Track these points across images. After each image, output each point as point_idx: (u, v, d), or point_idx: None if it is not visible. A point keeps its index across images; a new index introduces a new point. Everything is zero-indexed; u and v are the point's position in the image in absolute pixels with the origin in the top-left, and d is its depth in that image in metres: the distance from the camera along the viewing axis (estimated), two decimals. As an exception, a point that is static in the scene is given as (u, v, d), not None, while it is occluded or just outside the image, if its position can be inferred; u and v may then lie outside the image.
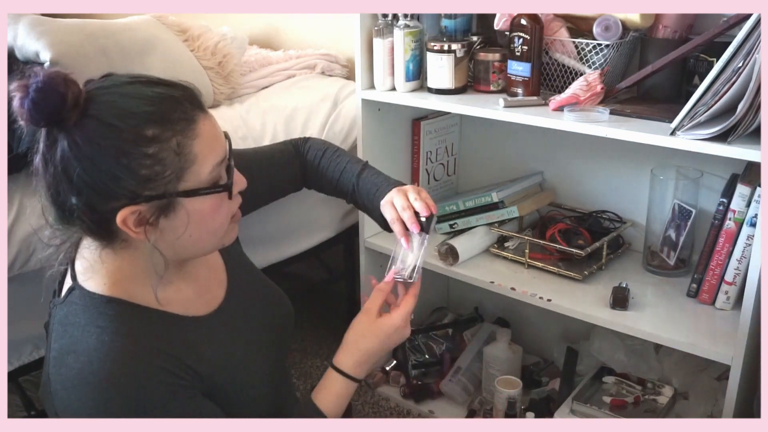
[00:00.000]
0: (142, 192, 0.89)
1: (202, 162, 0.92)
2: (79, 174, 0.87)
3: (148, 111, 0.89)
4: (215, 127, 0.97)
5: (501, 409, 1.70)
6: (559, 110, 1.45)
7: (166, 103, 0.91)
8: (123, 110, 0.88)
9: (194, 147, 0.91)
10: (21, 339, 1.50)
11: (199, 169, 0.92)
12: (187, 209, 0.93)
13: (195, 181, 0.92)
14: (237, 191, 1.00)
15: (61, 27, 1.66)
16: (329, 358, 1.18)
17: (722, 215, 1.39)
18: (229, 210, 1.00)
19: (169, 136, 0.89)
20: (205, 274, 1.11)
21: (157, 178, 0.89)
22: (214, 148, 0.94)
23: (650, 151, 1.50)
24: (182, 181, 0.91)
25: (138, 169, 0.88)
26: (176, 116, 0.90)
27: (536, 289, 1.56)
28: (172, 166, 0.90)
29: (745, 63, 1.16)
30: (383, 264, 1.93)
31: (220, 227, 1.00)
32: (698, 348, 1.34)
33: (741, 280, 1.38)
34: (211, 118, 0.96)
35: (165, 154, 0.89)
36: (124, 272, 0.98)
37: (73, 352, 0.94)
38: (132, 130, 0.88)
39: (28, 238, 1.41)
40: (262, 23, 2.51)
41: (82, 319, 0.96)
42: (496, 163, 1.94)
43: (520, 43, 1.50)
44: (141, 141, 0.88)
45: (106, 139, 0.87)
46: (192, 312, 1.05)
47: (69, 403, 0.94)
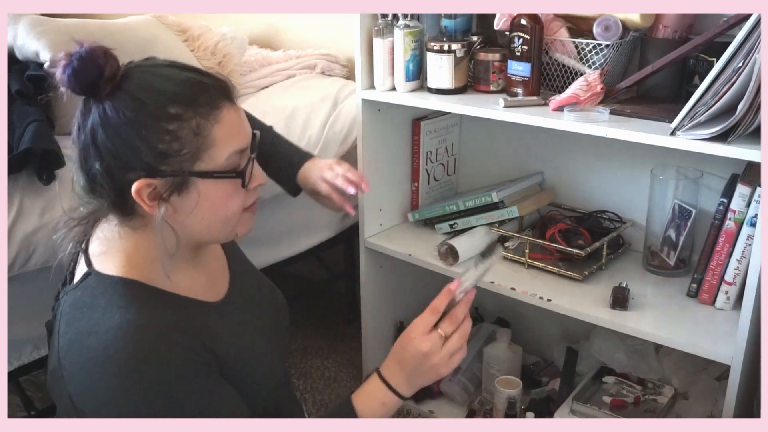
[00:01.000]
0: (159, 166, 0.93)
1: (220, 147, 0.96)
2: (103, 141, 0.93)
3: (175, 91, 0.94)
4: (240, 118, 1.00)
5: (501, 409, 1.70)
6: (559, 110, 1.45)
7: (194, 87, 0.95)
8: (152, 87, 0.94)
9: (214, 131, 0.95)
10: (21, 339, 1.50)
11: (216, 153, 0.96)
12: (200, 190, 0.97)
13: (210, 164, 0.96)
14: (254, 185, 1.03)
15: (61, 27, 1.66)
16: (329, 358, 1.18)
17: (722, 215, 1.39)
18: (243, 201, 1.03)
19: (190, 117, 0.93)
20: (213, 264, 1.15)
21: (174, 154, 0.93)
22: (235, 136, 0.98)
23: (650, 151, 1.50)
24: (198, 162, 0.95)
25: (156, 144, 0.92)
26: (201, 100, 0.95)
27: (536, 289, 1.56)
28: (190, 145, 0.94)
29: (745, 63, 1.16)
30: (383, 264, 1.94)
31: (232, 216, 1.02)
32: (698, 348, 1.34)
33: (741, 280, 1.38)
34: (238, 110, 1.00)
35: (184, 133, 0.93)
36: (141, 254, 1.00)
37: (94, 332, 0.94)
38: (156, 106, 0.92)
39: (28, 238, 1.41)
40: (262, 23, 2.51)
41: (101, 301, 0.97)
42: (496, 163, 1.94)
43: (520, 43, 1.50)
44: (163, 117, 0.92)
45: (131, 111, 0.92)
46: (205, 298, 1.08)
47: (91, 383, 0.94)
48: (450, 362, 1.05)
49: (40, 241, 1.43)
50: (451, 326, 1.05)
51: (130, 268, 1.00)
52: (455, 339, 1.05)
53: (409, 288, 2.01)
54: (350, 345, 2.23)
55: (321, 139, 1.92)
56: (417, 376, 1.06)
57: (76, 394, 0.96)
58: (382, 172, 1.84)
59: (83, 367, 0.94)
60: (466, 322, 1.06)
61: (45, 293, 1.42)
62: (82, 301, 0.99)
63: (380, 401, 1.08)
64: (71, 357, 0.96)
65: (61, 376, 0.98)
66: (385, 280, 1.94)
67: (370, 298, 1.92)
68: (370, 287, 1.92)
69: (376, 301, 1.94)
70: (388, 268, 1.92)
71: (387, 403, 1.08)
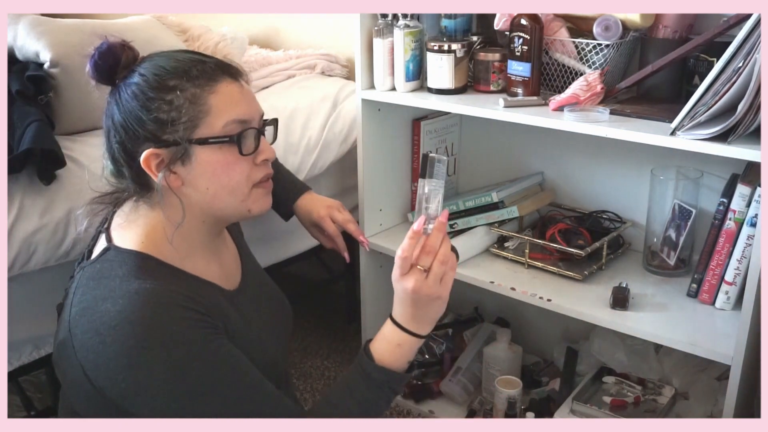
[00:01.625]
0: (162, 136, 1.01)
1: (216, 114, 1.02)
2: (117, 118, 1.03)
3: (174, 66, 1.03)
4: (242, 93, 1.06)
5: (501, 409, 1.70)
6: (559, 110, 1.45)
7: (193, 62, 1.04)
8: (156, 66, 1.03)
9: (210, 100, 1.02)
10: (21, 339, 1.50)
11: (213, 120, 1.02)
12: (200, 159, 1.03)
13: (207, 131, 1.02)
14: (261, 159, 1.09)
15: (61, 27, 1.66)
16: (329, 359, 1.20)
17: (722, 215, 1.39)
18: (248, 172, 1.07)
19: (186, 87, 1.01)
20: (227, 256, 1.20)
21: (173, 123, 1.01)
22: (233, 106, 1.04)
23: (650, 151, 1.50)
24: (197, 129, 1.02)
25: (158, 114, 1.01)
26: (196, 73, 1.02)
27: (536, 289, 1.56)
28: (188, 114, 1.01)
29: (745, 63, 1.16)
30: (383, 264, 1.94)
31: (237, 187, 1.06)
32: (698, 348, 1.34)
33: (741, 280, 1.38)
34: (240, 85, 1.07)
35: (181, 102, 1.00)
36: (158, 232, 1.06)
37: (109, 298, 0.97)
38: (157, 80, 1.02)
39: (29, 238, 1.41)
40: (262, 23, 2.51)
41: (119, 271, 1.01)
42: (496, 163, 1.94)
43: (520, 43, 1.50)
44: (163, 89, 1.01)
45: (136, 86, 1.02)
46: (219, 284, 1.12)
47: (103, 348, 0.95)
48: (443, 287, 1.08)
49: (41, 242, 1.43)
50: (428, 257, 1.06)
51: (149, 244, 1.05)
52: (436, 266, 1.06)
53: (409, 288, 2.00)
54: (350, 345, 2.23)
55: (321, 139, 1.92)
56: (420, 310, 1.09)
57: (89, 360, 0.97)
58: (382, 172, 1.84)
59: (96, 331, 0.96)
60: (442, 247, 1.07)
61: (45, 293, 1.42)
62: (99, 272, 1.02)
63: (396, 343, 1.10)
64: (83, 324, 0.98)
65: (71, 345, 0.99)
66: (385, 280, 1.92)
67: (370, 298, 1.92)
68: (370, 287, 1.92)
69: (376, 301, 1.94)
70: (388, 268, 1.90)
71: (402, 343, 1.10)
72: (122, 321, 0.95)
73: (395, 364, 1.10)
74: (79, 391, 1.03)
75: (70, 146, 1.55)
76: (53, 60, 1.57)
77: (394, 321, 1.11)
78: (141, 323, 0.94)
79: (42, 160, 1.42)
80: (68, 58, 1.57)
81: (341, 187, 2.05)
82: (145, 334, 0.94)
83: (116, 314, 0.95)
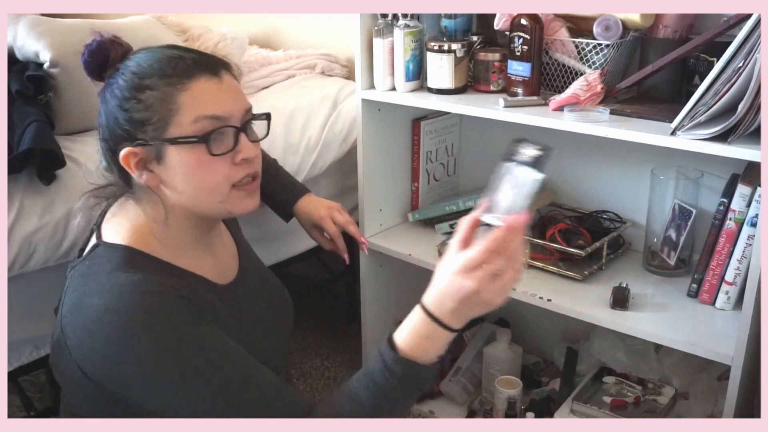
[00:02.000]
0: (137, 135, 1.01)
1: (185, 112, 0.99)
2: (101, 116, 1.04)
3: (151, 65, 1.01)
4: (219, 89, 1.02)
5: (501, 409, 1.70)
6: (559, 110, 1.45)
7: (170, 60, 1.02)
8: (137, 63, 1.02)
9: (180, 97, 0.99)
10: (21, 339, 1.50)
11: (182, 118, 0.99)
12: (173, 158, 1.01)
13: (177, 131, 1.00)
14: (240, 159, 1.04)
15: (60, 27, 1.66)
16: (329, 359, 1.18)
17: (722, 215, 1.39)
18: (227, 173, 1.04)
19: (158, 86, 0.99)
20: (222, 251, 1.18)
21: (147, 122, 1.00)
22: (204, 103, 1.00)
23: (650, 151, 1.50)
24: (169, 128, 1.00)
25: (132, 113, 1.00)
26: (170, 71, 1.00)
27: (536, 289, 1.56)
28: (159, 113, 0.99)
29: (745, 63, 1.16)
30: (383, 264, 1.94)
31: (214, 187, 1.03)
32: (698, 348, 1.34)
33: (741, 281, 1.38)
34: (218, 81, 1.03)
35: (153, 101, 0.99)
36: (146, 228, 1.05)
37: (96, 293, 0.97)
38: (133, 78, 1.01)
39: (29, 239, 1.41)
40: (262, 23, 2.51)
41: (108, 266, 1.00)
42: (496, 163, 1.92)
43: (520, 43, 1.50)
44: (137, 88, 1.00)
45: (116, 85, 1.02)
46: (212, 279, 1.11)
47: (94, 341, 0.95)
48: (500, 294, 0.91)
49: (41, 242, 1.43)
50: (503, 260, 0.90)
51: (137, 239, 1.04)
52: (510, 274, 0.90)
53: (409, 288, 2.00)
54: (350, 345, 2.23)
55: (321, 139, 1.92)
56: (464, 308, 0.93)
57: (83, 357, 0.97)
58: (382, 172, 1.84)
59: (85, 327, 0.96)
60: (520, 253, 0.92)
61: (45, 293, 1.42)
62: (88, 269, 1.01)
63: (425, 335, 0.95)
64: (73, 321, 0.98)
65: (65, 345, 0.99)
66: (385, 280, 1.94)
67: (370, 298, 1.92)
68: (370, 287, 1.91)
69: (376, 301, 1.93)
70: (388, 268, 1.92)
71: (433, 336, 0.95)
72: (108, 312, 0.94)
73: (422, 357, 0.96)
74: (77, 391, 1.03)
75: (69, 146, 1.55)
76: (53, 60, 1.57)
77: (427, 311, 0.95)
78: (126, 312, 0.93)
79: (42, 160, 1.42)
80: (68, 58, 1.57)
81: (341, 187, 2.05)
82: (130, 322, 0.93)
83: (102, 306, 0.95)
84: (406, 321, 0.98)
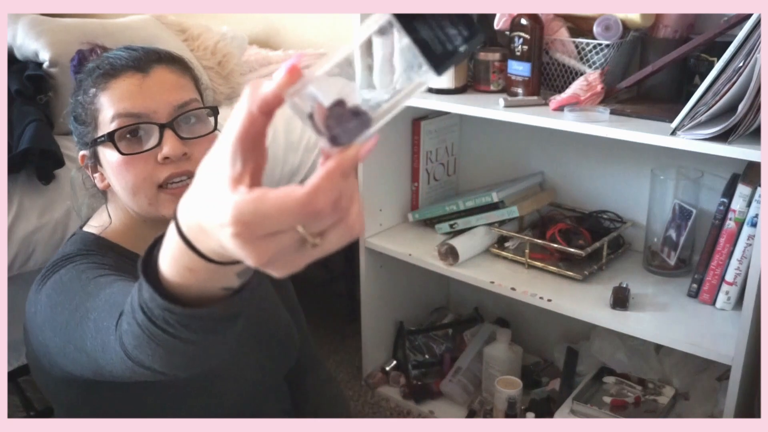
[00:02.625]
0: (82, 137, 1.01)
1: (105, 112, 0.98)
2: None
3: (91, 66, 1.01)
4: (140, 85, 0.97)
5: (501, 410, 1.69)
6: (560, 110, 1.44)
7: (103, 62, 1.00)
8: (86, 67, 1.02)
9: (102, 97, 0.98)
10: (19, 339, 1.49)
11: (103, 118, 0.98)
12: (103, 159, 1.00)
13: (100, 131, 0.98)
14: (162, 157, 0.96)
15: (60, 27, 1.66)
16: (329, 358, 1.15)
17: (723, 215, 1.39)
18: (148, 173, 0.96)
19: (88, 87, 0.99)
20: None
21: (85, 124, 1.00)
22: (121, 101, 0.96)
23: (651, 151, 1.50)
24: (96, 130, 0.99)
25: (76, 115, 1.01)
26: (99, 72, 0.99)
27: (536, 289, 1.56)
28: (90, 115, 0.99)
29: (746, 63, 1.16)
30: (383, 264, 1.94)
31: (137, 188, 0.97)
32: (699, 348, 1.34)
33: (742, 281, 1.38)
34: (142, 77, 0.97)
35: (86, 102, 0.99)
36: (116, 222, 1.03)
37: (45, 268, 0.96)
38: (77, 80, 1.02)
39: (28, 238, 1.41)
40: (261, 23, 2.51)
41: (68, 248, 0.99)
42: (496, 163, 1.94)
43: (520, 42, 1.50)
44: (77, 90, 1.01)
45: (72, 88, 1.03)
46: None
47: (29, 310, 0.95)
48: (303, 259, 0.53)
49: (40, 241, 1.43)
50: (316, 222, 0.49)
51: (110, 231, 1.02)
52: (333, 235, 0.51)
53: (409, 288, 2.00)
54: (350, 345, 2.22)
55: (321, 138, 1.92)
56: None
57: (35, 342, 0.95)
58: (382, 172, 1.83)
59: (28, 300, 0.96)
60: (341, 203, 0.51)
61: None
62: (55, 256, 1.00)
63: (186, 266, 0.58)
64: (28, 313, 0.97)
65: (29, 342, 0.98)
66: (385, 280, 1.94)
67: (370, 298, 1.92)
68: (370, 287, 1.91)
69: (376, 301, 1.93)
70: (388, 268, 1.92)
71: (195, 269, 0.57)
72: (36, 284, 0.94)
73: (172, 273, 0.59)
74: (61, 401, 1.02)
75: (69, 146, 1.54)
76: (52, 59, 1.57)
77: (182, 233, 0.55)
78: (50, 278, 0.92)
79: (41, 160, 1.42)
80: (67, 58, 1.55)
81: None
82: (51, 285, 0.91)
83: (36, 285, 0.94)
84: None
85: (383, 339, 1.99)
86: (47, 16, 1.71)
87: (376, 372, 1.96)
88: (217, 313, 0.61)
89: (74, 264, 0.92)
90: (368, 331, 1.95)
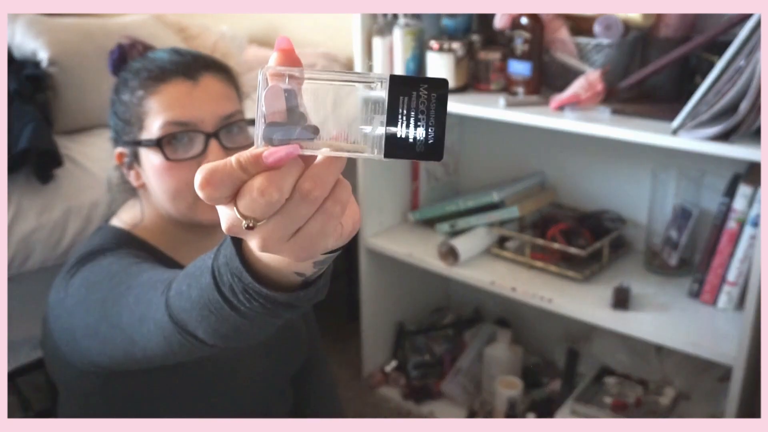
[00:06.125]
0: (122, 135, 1.03)
1: (153, 116, 0.99)
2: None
3: (138, 67, 1.02)
4: (190, 93, 1.00)
5: (501, 410, 1.69)
6: (560, 110, 1.44)
7: (153, 62, 1.02)
8: (132, 65, 1.04)
9: (151, 101, 0.99)
10: (18, 340, 1.49)
11: (150, 122, 1.00)
12: (145, 161, 1.01)
13: (146, 134, 1.00)
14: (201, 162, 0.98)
15: (59, 26, 1.66)
16: (329, 358, 1.15)
17: (724, 215, 1.38)
18: (189, 178, 0.96)
19: (136, 88, 1.00)
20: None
21: (128, 123, 1.01)
22: (172, 108, 0.99)
23: (651, 151, 1.50)
24: (141, 131, 1.00)
25: (117, 114, 1.03)
26: (148, 74, 1.00)
27: (537, 289, 1.55)
28: (135, 116, 1.00)
29: (747, 62, 1.15)
30: (383, 264, 1.93)
31: (177, 193, 1.00)
32: (700, 349, 1.33)
33: (743, 281, 1.37)
34: (193, 84, 1.00)
35: (132, 103, 1.00)
36: (149, 220, 1.05)
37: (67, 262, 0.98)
38: (122, 80, 1.03)
39: (27, 238, 1.41)
40: (261, 22, 2.51)
41: (95, 241, 1.00)
42: (496, 162, 1.93)
43: (520, 42, 1.50)
44: (122, 90, 1.02)
45: (114, 86, 1.05)
46: None
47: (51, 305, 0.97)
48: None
49: (38, 241, 1.42)
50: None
51: (140, 229, 1.04)
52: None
53: (409, 288, 2.00)
54: (350, 345, 2.22)
55: (321, 138, 1.92)
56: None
57: (56, 329, 0.96)
58: (382, 172, 1.83)
59: (54, 287, 0.97)
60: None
61: (42, 294, 1.41)
62: (86, 245, 1.01)
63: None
64: (50, 301, 0.98)
65: (49, 333, 0.99)
66: (385, 280, 1.93)
67: (370, 298, 1.92)
68: (370, 287, 1.91)
69: (376, 301, 1.93)
70: (388, 268, 1.91)
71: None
72: (66, 272, 0.95)
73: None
74: (72, 387, 1.03)
75: (68, 145, 1.54)
76: (51, 59, 1.57)
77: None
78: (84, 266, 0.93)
79: (39, 160, 1.42)
80: (66, 57, 1.57)
81: (341, 187, 2.05)
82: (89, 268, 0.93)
83: (65, 273, 0.96)
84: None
85: (383, 339, 1.98)
86: (45, 16, 1.71)
87: (377, 372, 1.96)
88: (284, 298, 0.59)
89: (112, 251, 0.96)
90: (368, 332, 1.95)
